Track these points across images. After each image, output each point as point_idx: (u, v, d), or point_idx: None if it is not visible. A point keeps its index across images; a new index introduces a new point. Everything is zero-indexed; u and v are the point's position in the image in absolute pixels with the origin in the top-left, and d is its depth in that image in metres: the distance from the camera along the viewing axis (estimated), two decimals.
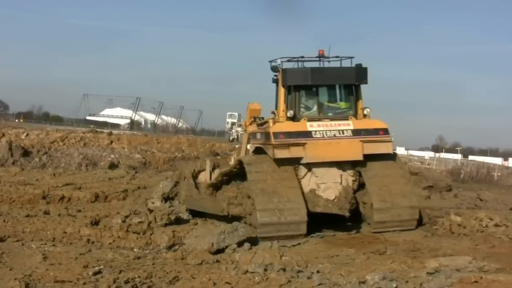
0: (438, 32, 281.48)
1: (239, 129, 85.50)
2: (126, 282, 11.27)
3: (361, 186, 19.33)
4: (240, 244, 14.68)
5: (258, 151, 19.75)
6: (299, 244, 16.72)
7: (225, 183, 20.32)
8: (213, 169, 22.85)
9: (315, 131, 18.85)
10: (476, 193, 30.06)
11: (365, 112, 19.97)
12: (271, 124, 19.37)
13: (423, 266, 13.99)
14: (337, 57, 20.26)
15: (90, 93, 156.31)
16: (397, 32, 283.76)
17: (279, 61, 19.95)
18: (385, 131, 19.50)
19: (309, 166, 18.89)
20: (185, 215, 19.52)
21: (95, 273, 11.86)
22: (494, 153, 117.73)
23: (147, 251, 14.84)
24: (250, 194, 18.27)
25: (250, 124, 22.55)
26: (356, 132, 19.10)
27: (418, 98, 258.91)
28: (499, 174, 53.80)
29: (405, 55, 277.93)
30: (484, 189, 34.97)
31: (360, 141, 18.98)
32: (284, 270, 12.16)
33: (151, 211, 18.84)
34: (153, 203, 21.51)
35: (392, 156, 19.92)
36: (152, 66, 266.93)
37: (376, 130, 19.40)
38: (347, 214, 18.60)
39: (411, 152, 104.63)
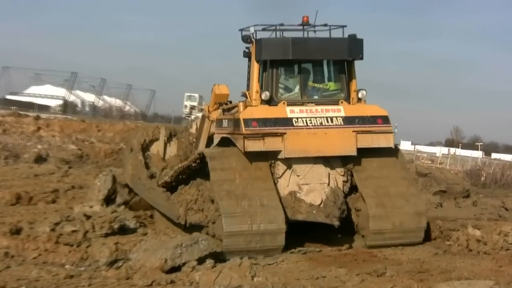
0: None
1: (200, 114, 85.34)
2: None
3: (354, 188, 19.12)
4: (201, 260, 14.62)
5: (225, 142, 19.21)
6: (275, 261, 16.48)
7: (181, 182, 20.06)
8: (169, 139, 23.14)
9: (297, 118, 18.40)
10: (501, 201, 30.23)
11: (359, 95, 19.48)
12: (241, 108, 18.72)
13: None
14: (326, 25, 19.71)
15: (11, 65, 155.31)
16: None
17: (252, 30, 19.30)
18: (385, 119, 19.06)
19: (289, 163, 18.46)
20: (131, 223, 19.27)
21: None
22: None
23: (83, 268, 14.72)
24: (214, 197, 17.85)
25: (214, 110, 22.09)
26: (349, 120, 18.69)
27: (429, 81, 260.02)
28: None
29: (410, 25, 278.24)
30: (511, 195, 35.22)
31: (354, 131, 18.55)
32: None
33: (88, 217, 18.52)
34: (91, 207, 21.17)
35: (393, 152, 19.58)
36: (92, 34, 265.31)
37: (373, 118, 18.94)
38: (336, 223, 18.08)
39: (419, 147, 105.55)
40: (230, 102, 21.59)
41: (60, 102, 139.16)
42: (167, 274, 13.80)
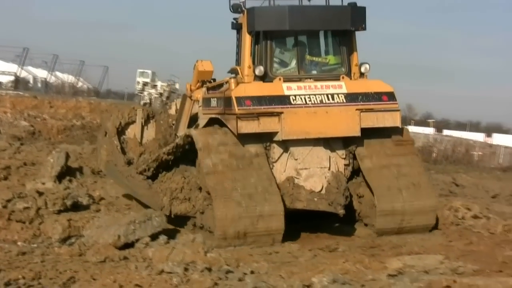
0: None
1: (152, 91, 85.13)
2: (7, 284, 11.15)
3: (355, 172, 17.78)
4: (154, 237, 14.64)
5: (213, 124, 17.56)
6: None
7: (163, 169, 18.49)
8: (146, 121, 21.43)
9: (295, 96, 16.65)
10: (452, 177, 30.77)
11: (362, 70, 17.81)
12: (232, 85, 16.84)
13: (384, 267, 14.28)
14: None
15: None
16: None
17: None
18: (390, 96, 17.45)
19: (286, 145, 16.89)
20: (84, 200, 19.19)
21: None
22: (474, 127, 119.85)
23: (35, 245, 14.61)
24: (203, 184, 16.44)
25: (197, 88, 20.30)
26: (351, 98, 17.05)
27: (379, 56, 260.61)
28: (480, 153, 54.92)
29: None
30: (461, 171, 35.86)
31: (357, 109, 16.90)
32: (210, 270, 12.22)
33: (40, 194, 18.41)
34: (43, 183, 20.86)
35: (399, 131, 17.95)
36: (43, 7, 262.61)
37: (378, 95, 17.30)
38: (341, 211, 16.51)
39: None
40: (214, 80, 19.92)
41: (12, 78, 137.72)
42: (120, 250, 13.78)
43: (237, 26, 18.11)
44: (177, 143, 17.74)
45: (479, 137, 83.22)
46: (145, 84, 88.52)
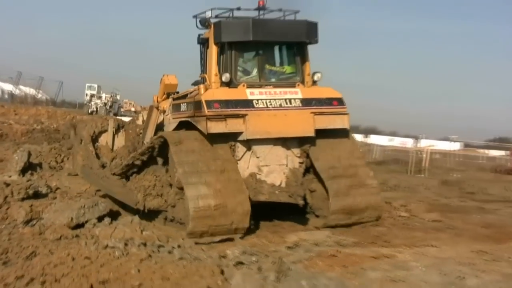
0: None
1: (98, 101, 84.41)
2: None
3: (307, 169, 16.97)
4: (100, 218, 14.64)
5: (182, 127, 16.81)
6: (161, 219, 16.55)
7: (134, 170, 17.70)
8: (117, 130, 20.67)
9: (257, 100, 15.88)
10: None
11: (315, 78, 17.14)
12: (202, 91, 15.93)
13: (283, 241, 14.65)
14: (280, 10, 17.08)
15: None
16: None
17: (209, 14, 16.70)
18: (340, 101, 16.69)
19: (249, 144, 16.12)
20: (44, 189, 19.14)
21: None
22: (355, 129, 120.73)
23: (3, 226, 14.58)
24: (178, 180, 15.38)
25: (163, 100, 19.41)
26: (306, 102, 16.34)
27: None
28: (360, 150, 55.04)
29: None
30: None
31: (311, 112, 16.25)
32: (145, 244, 12.31)
33: (7, 185, 18.29)
34: (9, 176, 20.81)
35: (344, 133, 17.22)
36: (10, 31, 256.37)
37: (329, 100, 16.56)
38: (301, 202, 16.06)
39: None
40: (178, 92, 19.02)
41: None
42: (73, 229, 13.82)
43: (202, 41, 17.41)
44: (151, 143, 16.84)
45: (359, 137, 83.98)
46: (92, 95, 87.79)
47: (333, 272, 12.09)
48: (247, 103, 15.72)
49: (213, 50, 16.58)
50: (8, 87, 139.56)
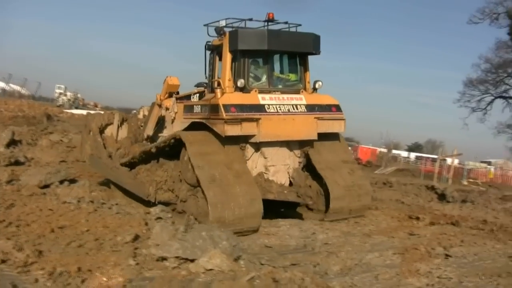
0: None
1: (64, 97, 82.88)
2: None
3: (304, 167, 13.85)
4: (61, 182, 14.11)
5: (194, 127, 13.19)
6: (106, 183, 16.06)
7: (144, 161, 14.54)
8: (121, 123, 17.43)
9: (268, 105, 12.70)
10: None
11: (316, 86, 13.88)
12: (218, 95, 12.51)
13: None
14: (286, 23, 13.83)
15: None
16: None
17: (223, 23, 13.37)
18: (337, 108, 13.68)
19: (257, 146, 12.94)
20: (22, 159, 18.49)
21: None
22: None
23: None
24: (192, 179, 12.23)
25: (166, 98, 15.93)
26: (310, 108, 13.29)
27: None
28: None
29: None
30: None
31: (315, 117, 13.22)
32: (92, 202, 12.05)
33: None
34: None
35: (337, 136, 14.23)
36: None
37: (328, 106, 13.56)
38: (309, 202, 13.43)
39: None
40: (178, 92, 15.76)
41: None
42: (41, 189, 13.29)
43: (211, 47, 13.80)
44: (165, 140, 13.44)
45: None
46: (60, 93, 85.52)
47: None
48: (260, 108, 12.58)
49: (228, 56, 13.15)
50: (1, 85, 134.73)
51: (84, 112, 35.82)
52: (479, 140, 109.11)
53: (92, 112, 23.07)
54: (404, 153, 65.05)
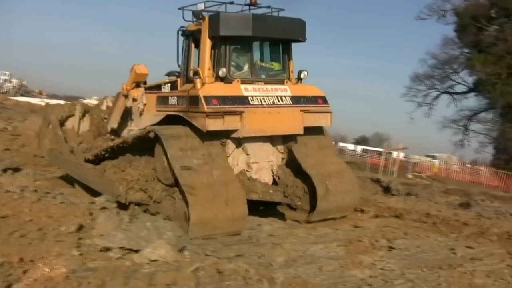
0: None
1: (9, 84, 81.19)
2: None
3: (286, 164, 12.45)
4: (5, 170, 13.80)
5: (168, 120, 11.66)
6: (51, 174, 15.57)
7: (111, 154, 12.76)
8: (83, 115, 15.44)
9: (252, 97, 11.31)
10: None
11: (301, 76, 12.48)
12: (198, 85, 11.00)
13: None
14: (269, 7, 12.19)
15: None
16: None
17: (201, 6, 11.72)
18: (324, 100, 12.30)
19: (239, 141, 11.61)
20: None
21: None
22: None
23: None
24: (168, 180, 10.97)
25: (132, 88, 13.75)
26: (296, 100, 11.91)
27: None
28: None
29: None
30: None
31: (301, 110, 11.86)
32: (36, 191, 11.81)
33: None
34: None
35: (321, 131, 12.81)
36: None
37: (314, 98, 12.20)
38: (298, 203, 12.22)
39: None
40: (145, 82, 13.75)
41: None
42: None
43: (187, 33, 12.24)
44: (138, 135, 11.69)
45: None
46: (5, 80, 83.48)
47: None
48: (243, 100, 11.17)
49: (207, 43, 11.58)
50: None
51: (30, 100, 34.89)
52: (424, 134, 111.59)
53: (46, 101, 22.21)
54: (350, 146, 65.96)
